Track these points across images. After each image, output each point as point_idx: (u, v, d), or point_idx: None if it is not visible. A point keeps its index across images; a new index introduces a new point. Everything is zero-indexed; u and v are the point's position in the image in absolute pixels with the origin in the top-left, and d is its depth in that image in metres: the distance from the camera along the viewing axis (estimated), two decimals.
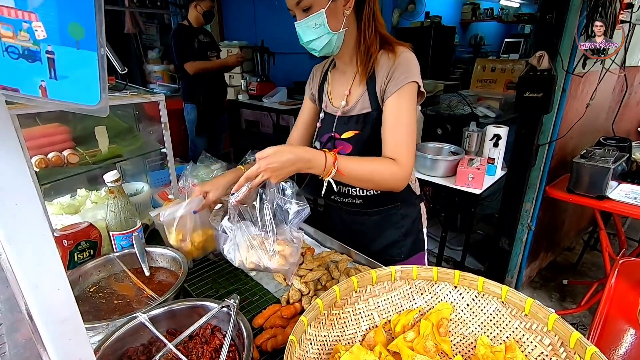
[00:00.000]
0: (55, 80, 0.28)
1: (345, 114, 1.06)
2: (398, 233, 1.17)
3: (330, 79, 1.14)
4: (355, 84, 1.05)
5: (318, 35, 0.93)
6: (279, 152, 0.84)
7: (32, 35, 0.26)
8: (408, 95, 0.96)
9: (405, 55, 0.97)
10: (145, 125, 1.38)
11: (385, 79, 0.97)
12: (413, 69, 0.96)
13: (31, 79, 0.27)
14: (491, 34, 7.67)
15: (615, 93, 2.55)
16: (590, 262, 2.87)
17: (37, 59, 0.27)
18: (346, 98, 1.06)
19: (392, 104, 0.96)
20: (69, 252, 0.94)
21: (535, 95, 1.87)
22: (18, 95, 0.27)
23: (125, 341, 0.72)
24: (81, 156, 1.06)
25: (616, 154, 1.94)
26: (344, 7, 0.93)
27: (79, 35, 0.27)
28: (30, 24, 0.26)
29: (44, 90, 0.27)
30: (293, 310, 0.85)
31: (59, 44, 0.27)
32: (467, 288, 0.77)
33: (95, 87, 0.28)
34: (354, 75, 1.05)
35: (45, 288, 0.30)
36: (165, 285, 0.93)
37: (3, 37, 0.26)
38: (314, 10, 0.91)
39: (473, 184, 1.92)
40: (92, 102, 0.29)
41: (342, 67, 1.09)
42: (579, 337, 0.60)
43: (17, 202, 0.28)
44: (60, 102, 0.28)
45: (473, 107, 2.74)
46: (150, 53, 4.69)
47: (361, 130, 1.03)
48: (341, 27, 0.94)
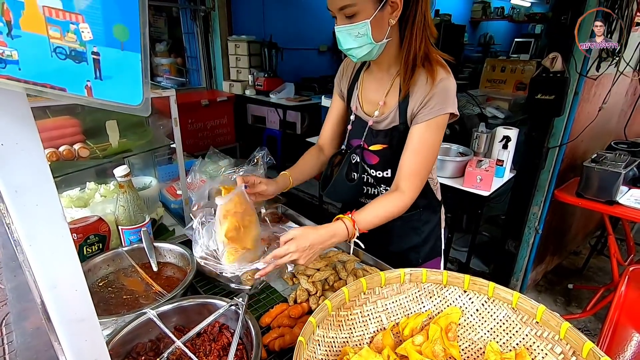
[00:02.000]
0: (100, 80, 0.28)
1: (376, 125, 1.04)
2: (418, 238, 1.17)
3: (362, 82, 1.09)
4: (391, 94, 1.01)
5: (359, 45, 0.89)
6: (304, 235, 0.84)
7: (79, 36, 0.27)
8: (437, 127, 0.94)
9: (443, 85, 0.92)
10: (155, 119, 1.38)
11: (419, 104, 0.94)
12: (449, 100, 0.93)
13: (77, 79, 0.28)
14: (501, 34, 7.58)
15: (628, 96, 2.50)
16: (597, 267, 2.85)
17: (83, 60, 0.28)
18: (380, 108, 1.03)
19: (418, 132, 0.95)
20: (78, 246, 0.95)
21: (547, 97, 1.85)
22: (65, 95, 0.28)
23: (134, 337, 0.72)
24: (92, 150, 1.06)
25: (627, 159, 1.91)
26: (390, 15, 0.88)
27: (123, 36, 0.28)
28: (78, 25, 0.27)
29: (90, 90, 0.28)
30: (300, 310, 0.85)
31: (104, 45, 0.28)
32: (477, 293, 0.77)
33: (138, 87, 0.29)
34: (390, 84, 1.01)
35: (63, 288, 0.30)
36: (173, 281, 0.93)
37: (51, 38, 0.26)
38: (358, 18, 0.85)
39: (481, 186, 1.90)
40: (135, 102, 0.29)
41: (377, 72, 1.04)
42: (592, 347, 0.59)
43: (38, 204, 0.27)
44: (105, 101, 0.28)
45: (482, 108, 2.71)
46: (158, 46, 4.68)
47: (389, 145, 1.03)
48: (384, 37, 0.90)
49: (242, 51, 3.98)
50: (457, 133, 2.48)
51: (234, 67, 4.13)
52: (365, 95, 1.08)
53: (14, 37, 0.25)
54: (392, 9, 0.87)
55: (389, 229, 1.14)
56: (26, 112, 0.27)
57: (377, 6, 0.84)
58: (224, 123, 3.96)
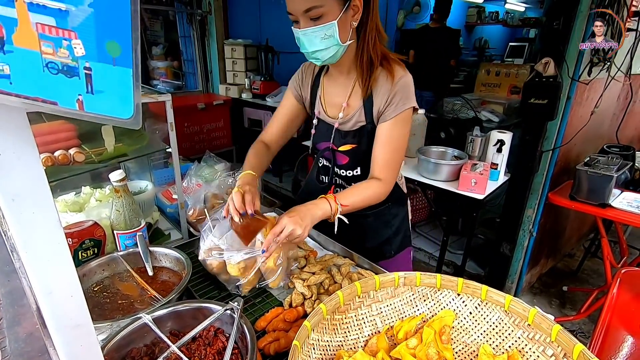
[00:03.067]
0: (91, 94, 0.29)
1: (342, 127, 1.08)
2: (390, 231, 1.23)
3: (323, 86, 1.12)
4: (353, 96, 1.05)
5: (326, 46, 0.90)
6: (292, 210, 0.90)
7: (71, 52, 0.28)
8: (403, 121, 1.00)
9: (404, 81, 0.98)
10: (151, 124, 1.38)
11: (384, 102, 0.99)
12: (411, 95, 0.99)
13: (69, 93, 0.29)
14: (496, 38, 7.65)
15: (620, 101, 2.54)
16: (591, 269, 2.87)
17: (75, 75, 0.28)
18: (344, 110, 1.06)
19: (387, 128, 1.00)
20: (73, 251, 0.95)
21: (540, 101, 1.87)
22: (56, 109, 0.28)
23: (129, 341, 0.72)
24: (87, 155, 1.06)
25: (619, 162, 1.94)
26: (352, 18, 0.91)
27: (115, 52, 0.28)
28: (70, 41, 0.27)
29: (81, 104, 0.29)
30: (296, 314, 0.85)
31: (96, 60, 0.28)
32: (470, 296, 0.77)
33: (130, 102, 0.29)
34: (351, 87, 1.05)
35: (59, 295, 0.30)
36: (169, 285, 0.93)
37: (44, 54, 0.27)
38: (325, 20, 0.87)
39: (476, 189, 1.92)
40: (126, 115, 0.30)
41: (338, 76, 1.07)
42: (583, 349, 0.60)
43: (34, 211, 0.28)
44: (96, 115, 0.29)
45: (477, 112, 2.73)
46: (155, 49, 4.69)
47: (358, 144, 1.07)
48: (348, 39, 0.93)
49: (239, 54, 3.99)
50: (452, 137, 2.51)
51: (231, 71, 4.14)
52: (328, 99, 1.11)
53: (5, 52, 0.26)
54: (353, 11, 0.90)
55: (363, 226, 1.21)
56: (23, 123, 0.28)
57: (342, 8, 0.87)
58: (220, 126, 3.96)
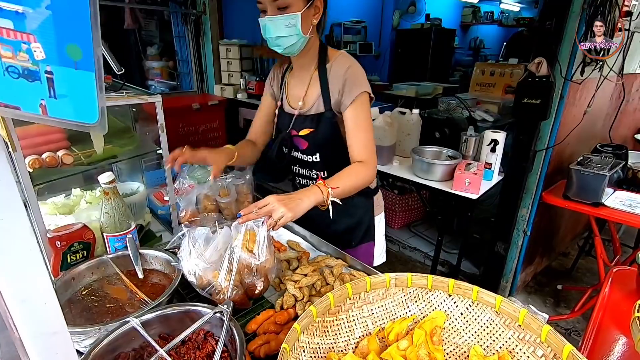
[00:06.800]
0: (54, 99, 0.28)
1: (302, 114, 1.18)
2: (350, 221, 1.30)
3: (287, 82, 1.25)
4: (311, 87, 1.16)
5: (288, 34, 1.02)
6: (286, 194, 0.92)
7: (31, 55, 0.27)
8: (362, 105, 1.09)
9: (352, 70, 1.09)
10: (142, 125, 1.37)
11: (338, 91, 1.10)
12: (361, 81, 1.09)
13: (31, 97, 0.28)
14: (491, 37, 7.69)
15: (612, 100, 2.56)
16: (585, 268, 2.89)
17: (36, 79, 0.28)
18: (303, 99, 1.17)
19: (350, 113, 1.09)
20: (62, 254, 0.94)
21: (534, 101, 1.88)
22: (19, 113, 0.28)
23: (116, 346, 0.71)
24: (76, 157, 1.05)
25: (612, 161, 1.95)
26: (314, 16, 1.05)
27: (76, 56, 0.28)
28: (29, 45, 0.27)
29: (44, 109, 0.28)
30: (287, 316, 0.84)
31: (57, 64, 0.28)
32: (461, 297, 0.77)
33: (94, 106, 0.29)
34: (309, 79, 1.16)
35: (32, 303, 0.30)
36: (159, 288, 0.92)
37: (3, 58, 0.27)
38: (290, 10, 0.99)
39: (470, 189, 1.92)
40: (91, 120, 0.29)
41: (299, 72, 1.20)
42: (572, 350, 0.60)
43: (3, 217, 0.27)
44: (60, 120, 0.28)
45: (471, 111, 2.74)
46: (150, 49, 4.66)
47: (316, 129, 1.15)
48: (308, 33, 1.04)
49: (234, 55, 3.98)
50: (447, 136, 2.51)
51: (226, 71, 4.12)
52: (290, 92, 1.24)
53: None
54: (315, 10, 1.04)
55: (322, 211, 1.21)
56: None
57: (306, 4, 1.00)
58: (215, 127, 3.94)
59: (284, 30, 1.01)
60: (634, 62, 2.48)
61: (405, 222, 3.29)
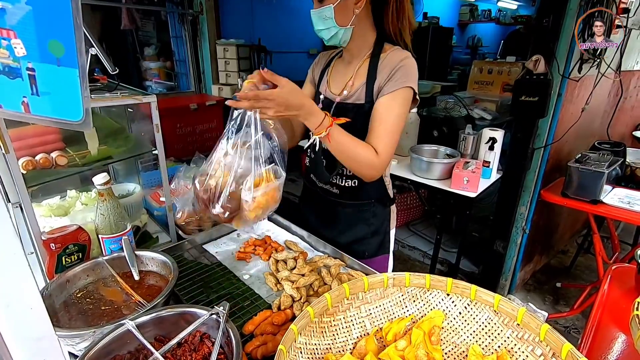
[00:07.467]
0: (37, 96, 0.28)
1: (343, 103, 1.11)
2: (367, 230, 1.21)
3: (333, 66, 1.20)
4: (359, 74, 1.09)
5: (326, 27, 1.01)
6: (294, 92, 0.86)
7: (11, 52, 0.26)
8: (401, 99, 1.01)
9: (409, 62, 1.03)
10: (138, 125, 1.36)
11: (385, 78, 1.03)
12: (412, 76, 1.02)
13: (13, 95, 0.27)
14: (489, 35, 7.69)
15: (610, 97, 2.56)
16: (584, 265, 2.89)
17: (18, 76, 0.27)
18: (347, 87, 1.11)
19: (385, 102, 1.01)
20: (56, 256, 0.93)
21: (531, 99, 1.87)
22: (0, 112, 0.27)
23: (112, 349, 0.70)
24: (70, 158, 1.04)
25: (610, 159, 1.95)
26: (355, 5, 1.00)
27: (59, 52, 0.27)
28: (9, 41, 0.26)
29: (27, 106, 0.28)
30: (284, 317, 0.84)
31: (39, 61, 0.27)
32: (459, 296, 0.77)
33: (78, 103, 0.28)
34: (356, 68, 1.10)
35: (17, 307, 0.29)
36: (155, 289, 0.91)
37: None
38: (327, 2, 0.98)
39: (468, 187, 1.92)
40: (75, 118, 0.28)
41: (348, 58, 1.14)
42: (571, 349, 0.60)
43: None
44: (44, 117, 0.28)
45: (469, 109, 2.74)
46: (147, 50, 4.64)
47: (353, 119, 1.07)
48: (349, 24, 1.01)
49: (231, 55, 3.96)
50: (445, 135, 2.50)
51: (223, 71, 4.11)
52: (333, 78, 1.18)
53: None
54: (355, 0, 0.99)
55: (340, 216, 1.21)
56: None
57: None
58: (213, 127, 3.93)
59: (322, 23, 1.01)
60: (632, 59, 2.48)
61: (404, 221, 3.28)
